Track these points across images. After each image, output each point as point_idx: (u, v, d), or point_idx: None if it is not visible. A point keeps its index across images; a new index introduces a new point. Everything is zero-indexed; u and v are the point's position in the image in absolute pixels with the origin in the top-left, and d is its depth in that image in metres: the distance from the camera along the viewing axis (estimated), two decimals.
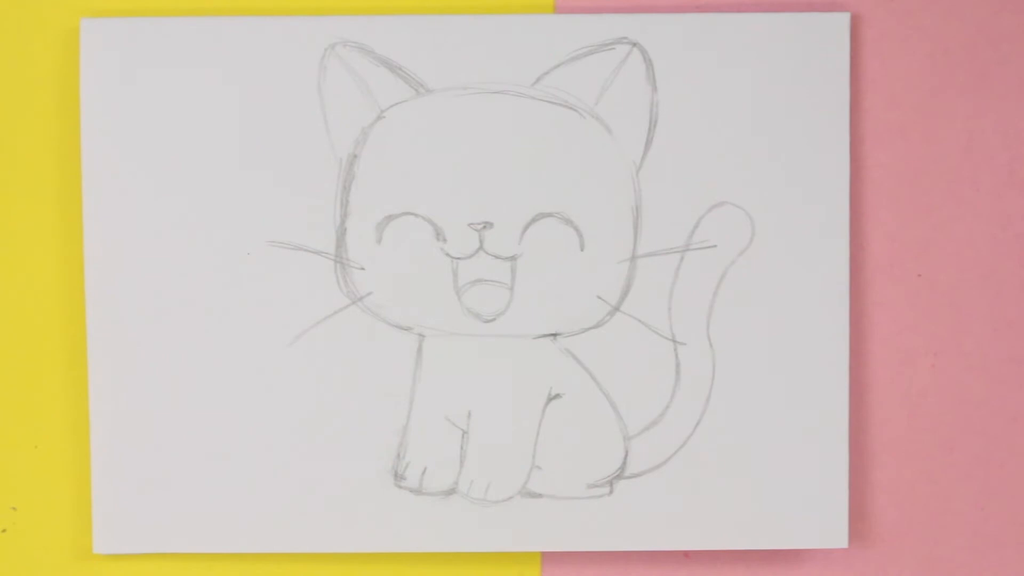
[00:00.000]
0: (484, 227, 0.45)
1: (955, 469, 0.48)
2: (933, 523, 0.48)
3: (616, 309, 0.46)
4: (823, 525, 0.46)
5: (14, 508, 0.47)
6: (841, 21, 0.46)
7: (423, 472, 0.46)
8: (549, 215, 0.46)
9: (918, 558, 0.48)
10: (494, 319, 0.46)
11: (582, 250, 0.46)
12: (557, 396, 0.46)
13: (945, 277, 0.47)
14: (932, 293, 0.47)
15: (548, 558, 0.48)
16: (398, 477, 0.46)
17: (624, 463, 0.46)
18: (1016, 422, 0.48)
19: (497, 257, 0.46)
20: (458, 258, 0.46)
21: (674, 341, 0.46)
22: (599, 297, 0.46)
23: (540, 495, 0.46)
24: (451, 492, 0.46)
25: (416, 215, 0.46)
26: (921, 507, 0.48)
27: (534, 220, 0.46)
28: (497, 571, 0.47)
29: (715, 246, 0.46)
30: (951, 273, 0.47)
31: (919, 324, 0.47)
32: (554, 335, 0.46)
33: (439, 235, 0.46)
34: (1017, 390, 0.48)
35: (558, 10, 0.46)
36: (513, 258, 0.46)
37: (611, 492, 0.46)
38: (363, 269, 0.46)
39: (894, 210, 0.47)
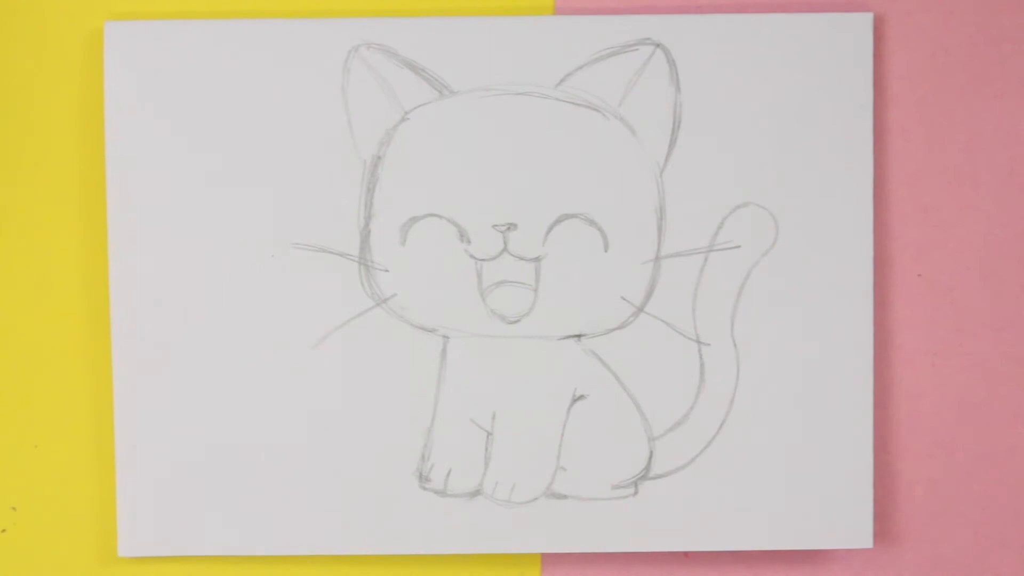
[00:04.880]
0: (508, 228, 0.45)
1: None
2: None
3: (640, 310, 0.46)
4: (848, 525, 0.46)
5: (14, 508, 0.47)
6: (864, 21, 0.46)
7: (448, 474, 0.46)
8: (573, 216, 0.46)
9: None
10: (518, 320, 0.46)
11: (606, 251, 0.46)
12: (582, 397, 0.46)
13: (945, 277, 0.47)
14: (932, 293, 0.47)
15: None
16: (423, 479, 0.46)
17: (649, 464, 0.46)
18: None
19: (521, 258, 0.46)
20: (482, 259, 0.46)
21: (698, 342, 0.46)
22: (623, 298, 0.46)
23: (565, 496, 0.46)
24: (476, 494, 0.46)
25: (440, 216, 0.46)
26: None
27: (558, 221, 0.46)
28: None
29: (739, 247, 0.46)
30: (951, 273, 0.47)
31: (919, 324, 0.47)
32: (578, 336, 0.46)
33: (463, 236, 0.46)
34: None
35: (558, 11, 0.46)
36: (537, 259, 0.46)
37: (636, 493, 0.46)
38: (387, 271, 0.46)
39: (894, 210, 0.47)
